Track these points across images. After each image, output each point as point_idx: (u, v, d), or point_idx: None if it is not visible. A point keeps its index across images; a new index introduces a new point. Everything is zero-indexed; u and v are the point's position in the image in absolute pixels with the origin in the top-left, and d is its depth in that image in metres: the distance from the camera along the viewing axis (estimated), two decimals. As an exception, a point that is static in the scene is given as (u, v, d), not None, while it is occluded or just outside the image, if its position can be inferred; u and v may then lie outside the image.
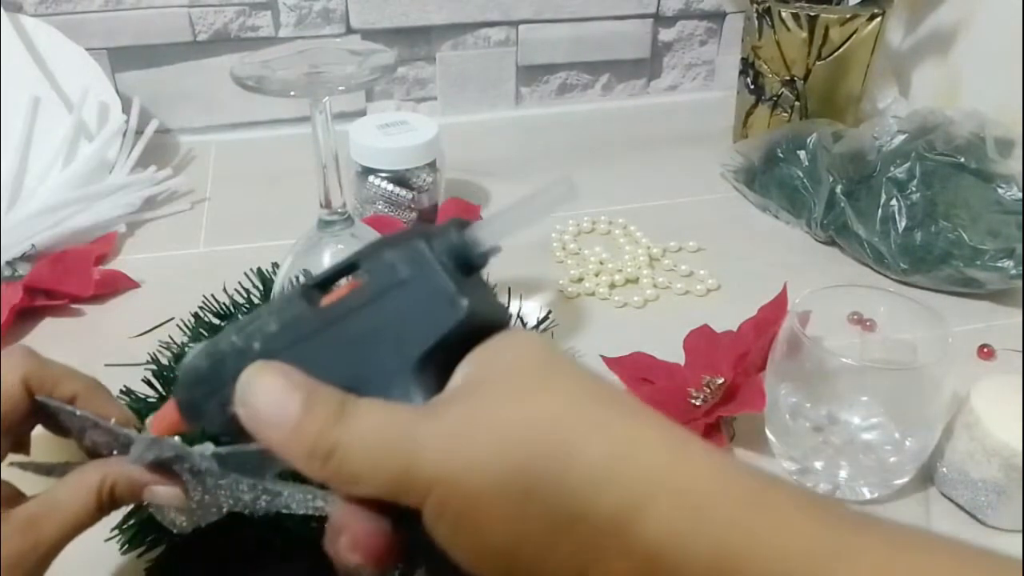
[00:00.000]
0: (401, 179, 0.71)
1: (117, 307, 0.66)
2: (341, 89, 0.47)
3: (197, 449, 0.32)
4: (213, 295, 0.61)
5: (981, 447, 0.46)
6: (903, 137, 0.73)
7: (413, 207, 0.72)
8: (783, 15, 0.81)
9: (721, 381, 0.52)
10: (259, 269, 0.64)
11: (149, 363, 0.55)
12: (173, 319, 0.61)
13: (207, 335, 0.58)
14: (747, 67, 0.87)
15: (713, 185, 0.84)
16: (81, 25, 0.84)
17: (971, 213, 0.68)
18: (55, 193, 0.73)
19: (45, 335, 0.62)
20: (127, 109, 0.82)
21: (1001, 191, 0.69)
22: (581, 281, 0.69)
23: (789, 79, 0.84)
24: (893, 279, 0.69)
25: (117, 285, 0.67)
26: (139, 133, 0.82)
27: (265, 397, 0.25)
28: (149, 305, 0.65)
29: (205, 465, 0.32)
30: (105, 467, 0.33)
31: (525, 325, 0.62)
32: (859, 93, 0.85)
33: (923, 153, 0.70)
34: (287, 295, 0.29)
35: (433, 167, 0.72)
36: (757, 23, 0.84)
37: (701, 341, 0.58)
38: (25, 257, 0.68)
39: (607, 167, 0.88)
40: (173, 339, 0.58)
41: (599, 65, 1.00)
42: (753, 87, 0.87)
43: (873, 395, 0.49)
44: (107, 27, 0.85)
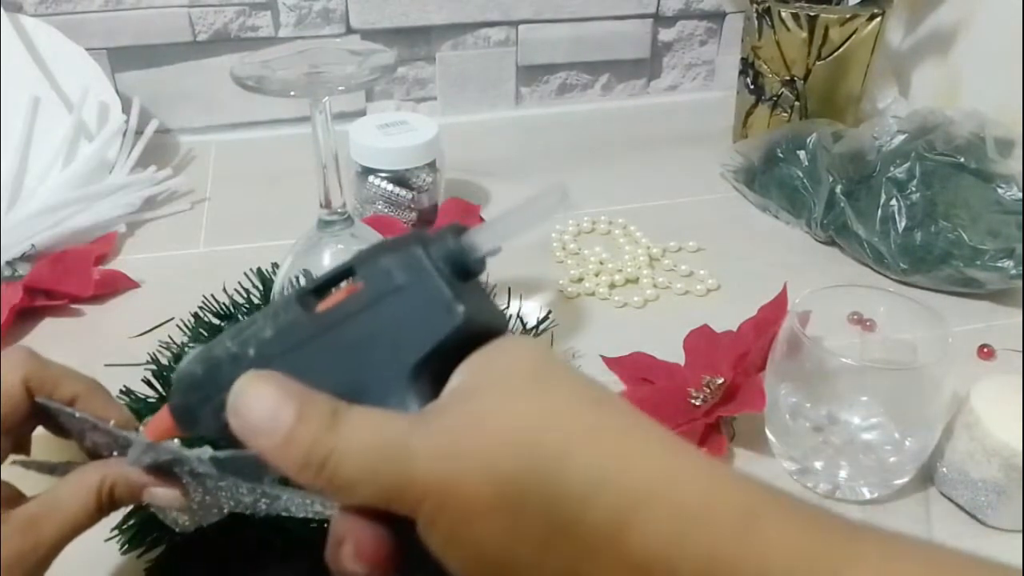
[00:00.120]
0: (401, 179, 0.71)
1: (117, 307, 0.66)
2: (341, 89, 0.47)
3: (195, 452, 0.32)
4: (213, 295, 0.61)
5: (981, 447, 0.46)
6: (903, 137, 0.73)
7: (413, 207, 0.72)
8: (783, 15, 0.81)
9: (721, 381, 0.52)
10: (259, 269, 0.64)
11: (149, 363, 0.55)
12: (173, 319, 0.61)
13: (207, 335, 0.58)
14: (747, 67, 0.87)
15: (713, 185, 0.84)
16: (81, 25, 0.84)
17: (971, 213, 0.68)
18: (55, 193, 0.73)
19: (45, 335, 0.62)
20: (127, 109, 0.82)
21: (1001, 191, 0.69)
22: (581, 281, 0.69)
23: (789, 79, 0.84)
24: (893, 279, 0.69)
25: (117, 285, 0.67)
26: (139, 133, 0.82)
27: (258, 406, 0.25)
28: (149, 305, 0.65)
29: (203, 469, 0.32)
30: (105, 468, 0.33)
31: (525, 325, 0.62)
32: (859, 93, 0.85)
33: (923, 153, 0.70)
34: (283, 300, 0.29)
35: (433, 167, 0.72)
36: (757, 23, 0.84)
37: (701, 341, 0.58)
38: (25, 257, 0.68)
39: (607, 167, 0.88)
40: (173, 339, 0.58)
41: (599, 65, 1.00)
42: (753, 87, 0.87)
43: (873, 395, 0.49)
44: (107, 27, 0.85)
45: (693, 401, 0.52)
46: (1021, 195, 0.68)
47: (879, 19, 0.80)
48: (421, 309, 0.26)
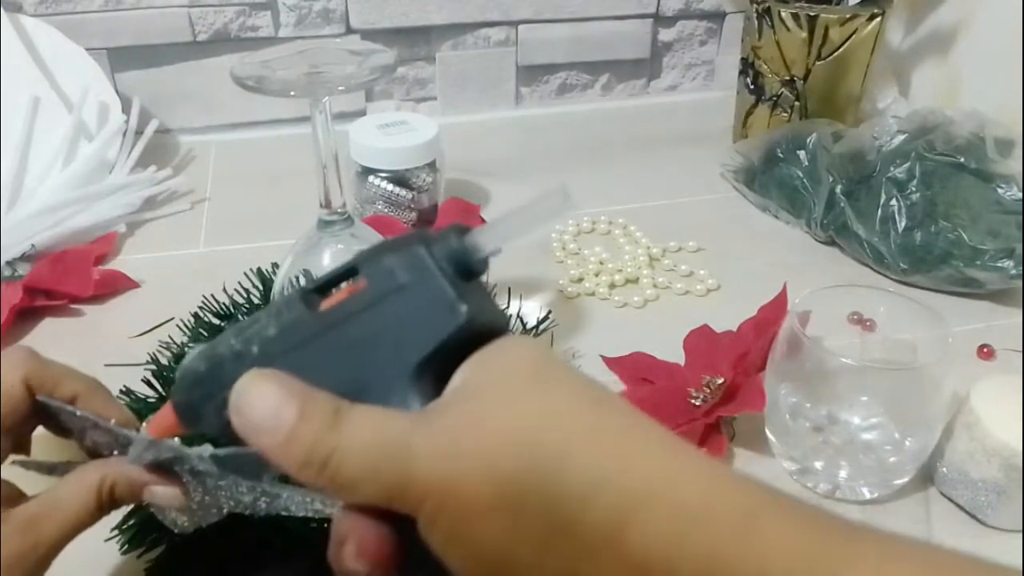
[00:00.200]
0: (401, 179, 0.71)
1: (117, 307, 0.66)
2: (341, 89, 0.47)
3: (195, 450, 0.32)
4: (213, 295, 0.61)
5: (981, 447, 0.46)
6: (903, 137, 0.73)
7: (413, 207, 0.72)
8: (783, 15, 0.81)
9: (721, 381, 0.52)
10: (259, 269, 0.64)
11: (149, 363, 0.55)
12: (173, 319, 0.61)
13: (207, 335, 0.58)
14: (747, 67, 0.87)
15: (713, 185, 0.84)
16: (81, 25, 0.84)
17: (971, 213, 0.68)
18: (55, 193, 0.73)
19: (45, 335, 0.62)
20: (127, 109, 0.82)
21: (1001, 191, 0.69)
22: (581, 281, 0.69)
23: (789, 79, 0.84)
24: (893, 279, 0.69)
25: (117, 285, 0.67)
26: (139, 133, 0.82)
27: (260, 404, 0.25)
28: (149, 305, 0.65)
29: (203, 467, 0.32)
30: (105, 467, 0.33)
31: (525, 325, 0.62)
32: (859, 93, 0.85)
33: (923, 153, 0.70)
34: (286, 299, 0.29)
35: (433, 167, 0.72)
36: (757, 23, 0.84)
37: (701, 341, 0.58)
38: (25, 257, 0.68)
39: (607, 167, 0.88)
40: (173, 339, 0.58)
41: (599, 65, 1.00)
42: (753, 87, 0.87)
43: (873, 395, 0.49)
44: (107, 27, 0.85)
45: (693, 401, 0.52)
46: (1021, 195, 0.68)
47: (879, 19, 0.80)
48: (424, 308, 0.26)
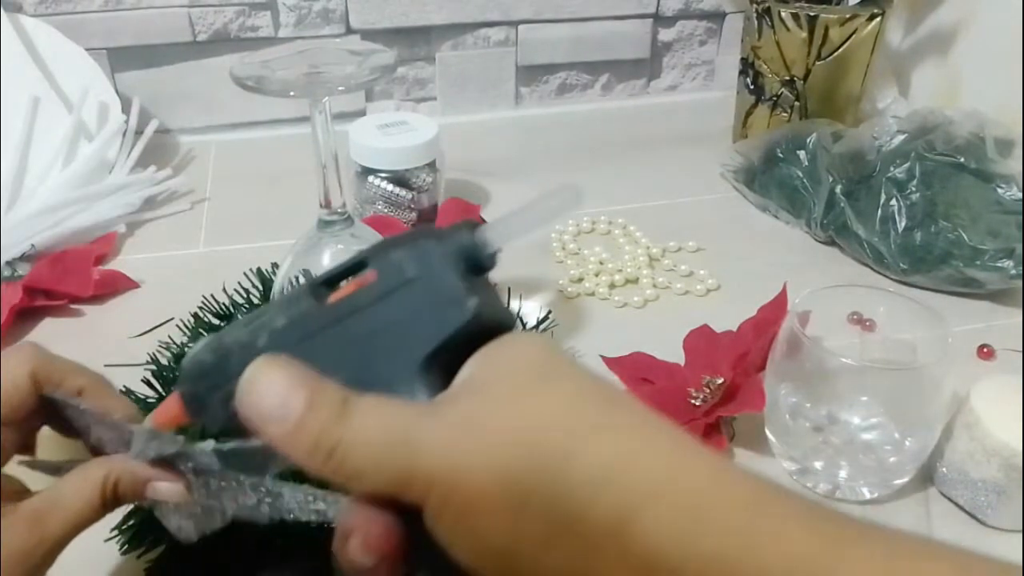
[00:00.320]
0: (401, 179, 0.71)
1: (117, 307, 0.66)
2: (341, 89, 0.47)
3: (199, 446, 0.32)
4: (213, 295, 0.61)
5: (981, 447, 0.46)
6: (903, 137, 0.73)
7: (413, 207, 0.72)
8: (783, 15, 0.81)
9: (721, 381, 0.52)
10: (259, 269, 0.64)
11: (149, 363, 0.55)
12: (173, 319, 0.61)
13: (207, 335, 0.58)
14: (747, 67, 0.87)
15: (713, 185, 0.84)
16: (81, 25, 0.84)
17: (971, 213, 0.68)
18: (55, 193, 0.73)
19: (45, 335, 0.62)
20: (127, 109, 0.82)
21: (1001, 191, 0.69)
22: (581, 281, 0.69)
23: (789, 79, 0.84)
24: (893, 279, 0.69)
25: (117, 285, 0.67)
26: (139, 133, 0.82)
27: (269, 393, 0.25)
28: (149, 305, 0.65)
29: (206, 460, 0.32)
30: (109, 463, 0.33)
31: (525, 325, 0.62)
32: (859, 93, 0.85)
33: (923, 153, 0.70)
34: (294, 292, 0.29)
35: (433, 167, 0.72)
36: (757, 23, 0.84)
37: (701, 341, 0.58)
38: (25, 257, 0.68)
39: (607, 167, 0.88)
40: (173, 339, 0.58)
41: (599, 65, 1.00)
42: (753, 87, 0.87)
43: (873, 395, 0.49)
44: (107, 27, 0.85)
45: (693, 401, 0.52)
46: (1021, 195, 0.68)
47: (879, 19, 0.80)
48: (432, 302, 0.26)
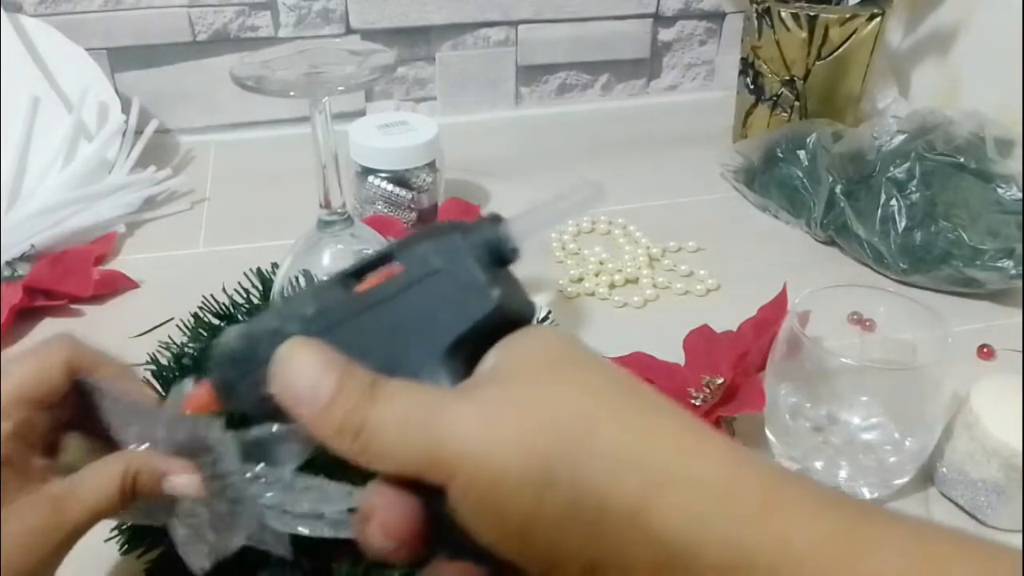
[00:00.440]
0: (401, 179, 0.71)
1: (117, 307, 0.66)
2: (341, 89, 0.47)
3: (223, 434, 0.34)
4: (213, 295, 0.61)
5: (981, 447, 0.46)
6: (903, 137, 0.73)
7: (413, 207, 0.72)
8: (783, 15, 0.81)
9: (721, 381, 0.52)
10: (259, 269, 0.63)
11: (149, 363, 0.55)
12: (173, 319, 0.61)
13: (207, 335, 0.58)
14: (747, 67, 0.87)
15: (713, 185, 0.84)
16: (81, 25, 0.84)
17: (971, 213, 0.68)
18: (55, 193, 0.73)
19: (45, 335, 0.62)
20: (127, 109, 0.82)
21: (1001, 191, 0.69)
22: (581, 281, 0.69)
23: (789, 79, 0.84)
24: (893, 279, 0.69)
25: (117, 285, 0.67)
26: (139, 133, 0.82)
27: (301, 374, 0.26)
28: (149, 305, 0.65)
29: (223, 450, 0.33)
30: (130, 456, 0.34)
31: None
32: (859, 93, 0.85)
33: (923, 153, 0.70)
34: (323, 283, 0.30)
35: (433, 167, 0.72)
36: (757, 23, 0.84)
37: (701, 341, 0.58)
38: (25, 257, 0.68)
39: (607, 167, 0.88)
40: (173, 339, 0.58)
41: (599, 65, 1.00)
42: (753, 87, 0.87)
43: (873, 395, 0.49)
44: (107, 27, 0.85)
45: (693, 401, 0.52)
46: (1021, 195, 0.68)
47: (879, 19, 0.80)
48: (457, 293, 0.27)
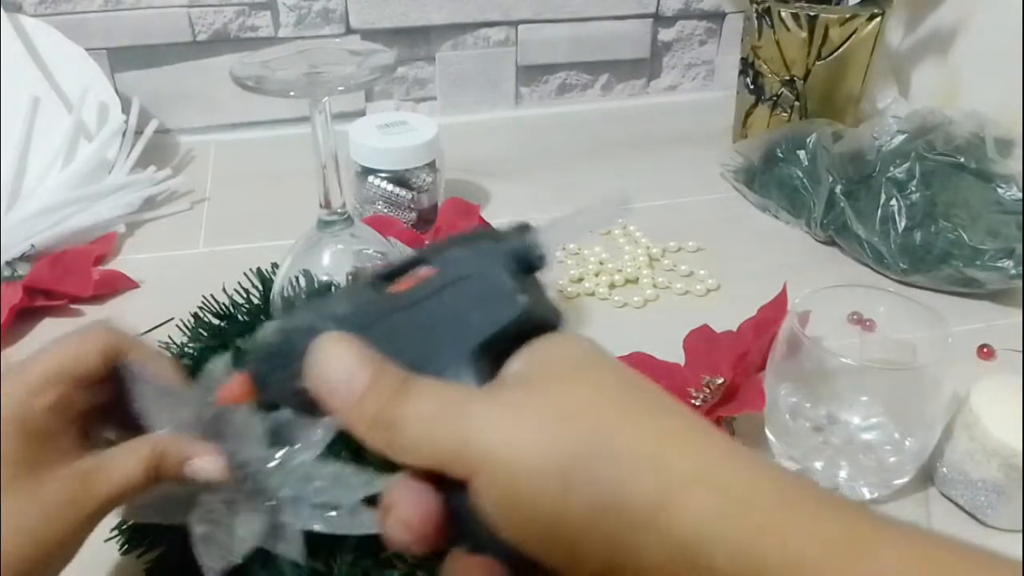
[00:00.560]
0: (401, 179, 0.71)
1: (117, 307, 0.65)
2: (341, 89, 0.47)
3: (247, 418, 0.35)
4: (213, 295, 0.61)
5: (981, 447, 0.46)
6: (903, 137, 0.73)
7: (413, 207, 0.72)
8: (783, 15, 0.81)
9: (721, 381, 0.52)
10: (259, 269, 0.63)
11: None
12: (173, 319, 0.61)
13: (207, 335, 0.58)
14: (747, 67, 0.87)
15: (713, 185, 0.84)
16: (81, 25, 0.84)
17: (971, 213, 0.68)
18: (55, 193, 0.73)
19: (45, 335, 0.62)
20: (127, 109, 0.82)
21: (1001, 191, 0.69)
22: (581, 281, 0.69)
23: (789, 79, 0.84)
24: (893, 279, 0.69)
25: (117, 285, 0.67)
26: (139, 133, 0.82)
27: (337, 367, 0.27)
28: (149, 305, 0.65)
29: (249, 433, 0.35)
30: (157, 438, 0.35)
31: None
32: (859, 93, 0.85)
33: (923, 153, 0.70)
34: (357, 284, 0.31)
35: (433, 167, 0.72)
36: (757, 23, 0.84)
37: (701, 341, 0.58)
38: (25, 257, 0.68)
39: (607, 167, 0.88)
40: (173, 339, 0.58)
41: (599, 65, 1.00)
42: (753, 87, 0.87)
43: (873, 395, 0.49)
44: (107, 27, 0.85)
45: (693, 401, 0.52)
46: (1021, 195, 0.68)
47: (879, 19, 0.80)
48: (486, 297, 0.28)
